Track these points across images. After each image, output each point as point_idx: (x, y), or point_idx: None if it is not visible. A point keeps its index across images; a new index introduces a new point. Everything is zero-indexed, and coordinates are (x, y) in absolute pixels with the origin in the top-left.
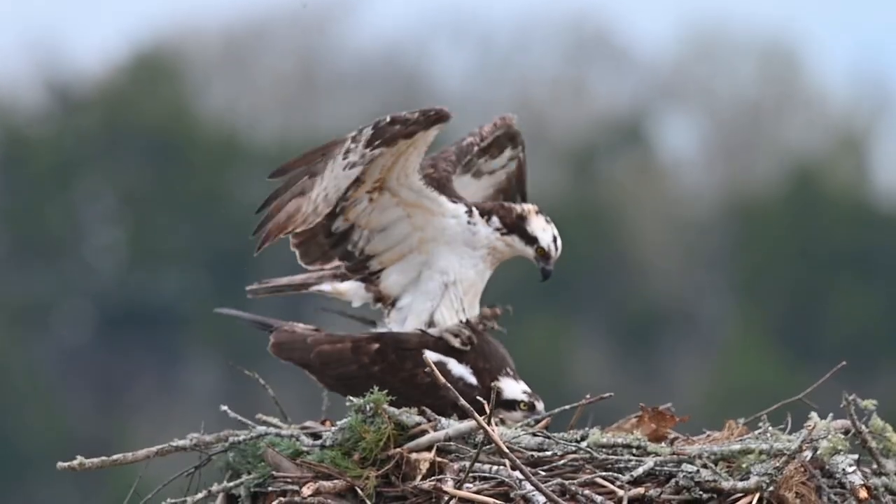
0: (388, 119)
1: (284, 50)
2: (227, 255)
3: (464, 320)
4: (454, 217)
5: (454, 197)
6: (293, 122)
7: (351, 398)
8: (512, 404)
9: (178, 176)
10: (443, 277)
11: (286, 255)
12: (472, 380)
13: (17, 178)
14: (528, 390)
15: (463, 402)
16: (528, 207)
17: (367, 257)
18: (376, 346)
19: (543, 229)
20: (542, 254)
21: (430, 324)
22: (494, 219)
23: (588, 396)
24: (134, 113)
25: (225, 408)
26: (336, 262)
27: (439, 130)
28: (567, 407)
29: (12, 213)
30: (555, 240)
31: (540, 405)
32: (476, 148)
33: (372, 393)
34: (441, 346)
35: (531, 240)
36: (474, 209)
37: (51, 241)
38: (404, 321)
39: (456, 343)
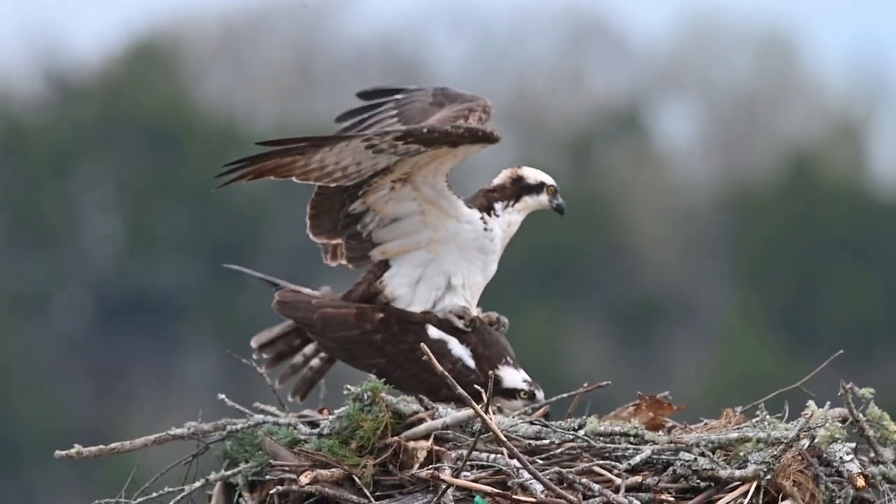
0: (424, 129)
1: (282, 39)
2: (224, 243)
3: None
4: (469, 223)
5: (470, 202)
6: (290, 112)
7: (349, 386)
8: (512, 393)
9: (176, 165)
10: (448, 279)
11: (285, 243)
12: (471, 363)
13: (15, 168)
14: (529, 379)
15: (461, 390)
16: (513, 170)
17: (371, 244)
18: (381, 315)
19: (538, 172)
20: (553, 192)
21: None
22: (497, 206)
23: (585, 385)
24: (131, 102)
25: (223, 396)
26: (339, 240)
27: (483, 148)
28: (565, 395)
29: (10, 202)
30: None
31: (540, 394)
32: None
33: (369, 381)
34: (444, 325)
35: (539, 187)
36: (483, 214)
37: (48, 230)
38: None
39: (459, 324)
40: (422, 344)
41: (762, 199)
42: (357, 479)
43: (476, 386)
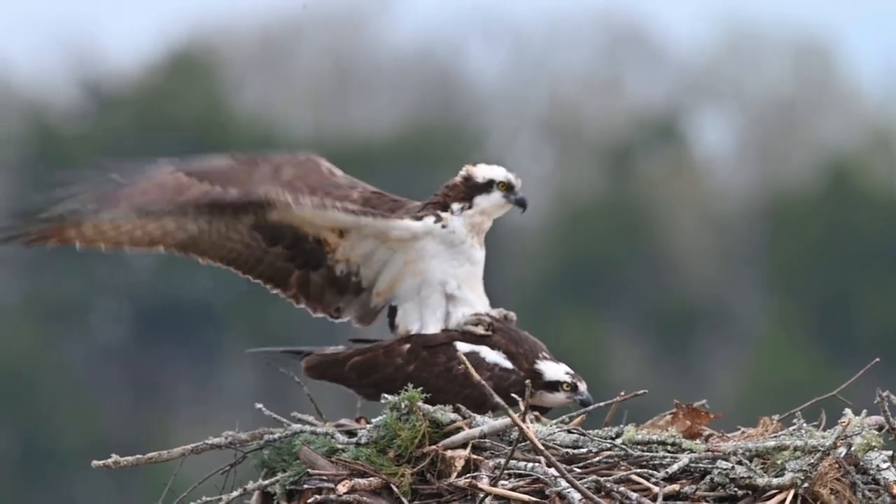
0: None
1: (319, 47)
2: None
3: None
4: (427, 233)
5: (413, 212)
6: (328, 120)
7: (386, 395)
8: (555, 385)
9: None
10: (444, 289)
11: None
12: (507, 364)
13: (53, 177)
14: (570, 371)
15: (498, 399)
16: (465, 168)
17: (366, 291)
18: (407, 346)
19: (489, 169)
20: (506, 188)
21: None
22: (454, 205)
23: (622, 394)
24: (169, 111)
25: (260, 406)
26: (339, 304)
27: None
28: (602, 404)
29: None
30: (508, 171)
31: (582, 386)
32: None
33: (406, 391)
34: (467, 338)
35: (488, 185)
36: (438, 212)
37: None
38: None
39: (480, 330)
40: (458, 353)
41: (799, 208)
42: (395, 488)
43: (518, 386)
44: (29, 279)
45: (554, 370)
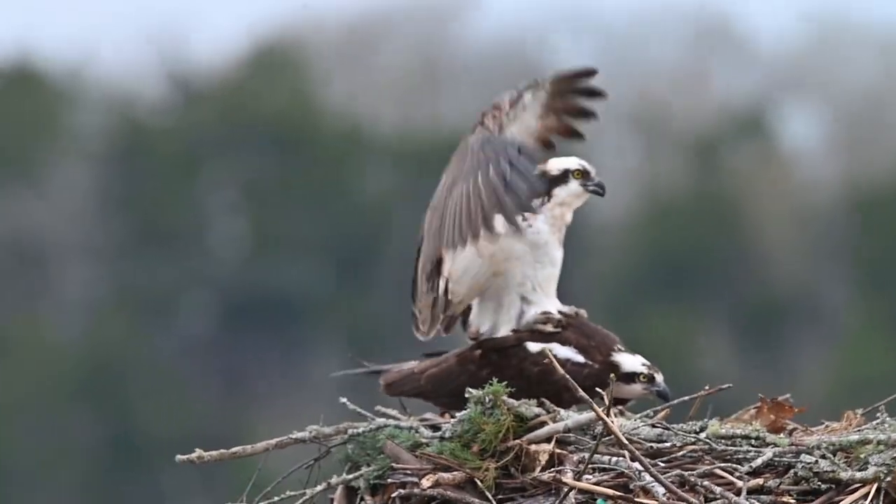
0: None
1: (406, 42)
2: (349, 244)
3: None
4: (515, 231)
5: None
6: (414, 114)
7: (470, 390)
8: (631, 377)
9: (300, 167)
10: (520, 292)
11: (410, 244)
12: (580, 358)
13: (141, 170)
14: (647, 362)
15: (582, 393)
16: (537, 167)
17: (451, 303)
18: (478, 351)
19: (562, 161)
20: (582, 175)
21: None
22: (534, 202)
23: (707, 388)
24: (255, 104)
25: (344, 400)
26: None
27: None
28: (686, 398)
29: (136, 205)
30: (579, 158)
31: (659, 377)
32: None
33: (490, 385)
34: (536, 336)
35: (564, 176)
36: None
37: (174, 232)
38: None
39: (549, 328)
40: (543, 349)
41: (887, 201)
42: (479, 483)
43: (592, 379)
44: (120, 272)
45: (630, 361)
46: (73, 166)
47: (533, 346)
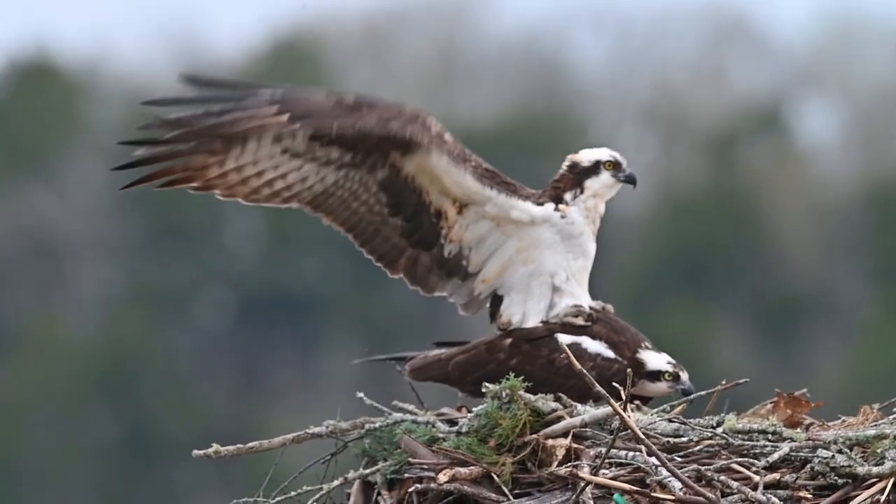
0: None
1: (424, 37)
2: None
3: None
4: (546, 221)
5: (532, 196)
6: (432, 109)
7: (487, 384)
8: (656, 375)
9: None
10: (552, 281)
11: None
12: (609, 353)
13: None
14: (672, 360)
15: (599, 388)
16: (568, 157)
17: (472, 277)
18: (508, 340)
19: (593, 152)
20: (613, 166)
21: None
22: (566, 195)
23: (723, 382)
24: None
25: (361, 395)
26: (445, 292)
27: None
28: (703, 393)
29: (151, 201)
30: (610, 149)
31: (684, 375)
32: None
33: (507, 380)
34: (567, 329)
35: (595, 168)
36: (557, 205)
37: (190, 229)
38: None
39: (580, 321)
40: (560, 342)
41: None
42: (496, 477)
43: (621, 375)
44: (135, 268)
45: (656, 359)
46: (90, 162)
47: (563, 338)
